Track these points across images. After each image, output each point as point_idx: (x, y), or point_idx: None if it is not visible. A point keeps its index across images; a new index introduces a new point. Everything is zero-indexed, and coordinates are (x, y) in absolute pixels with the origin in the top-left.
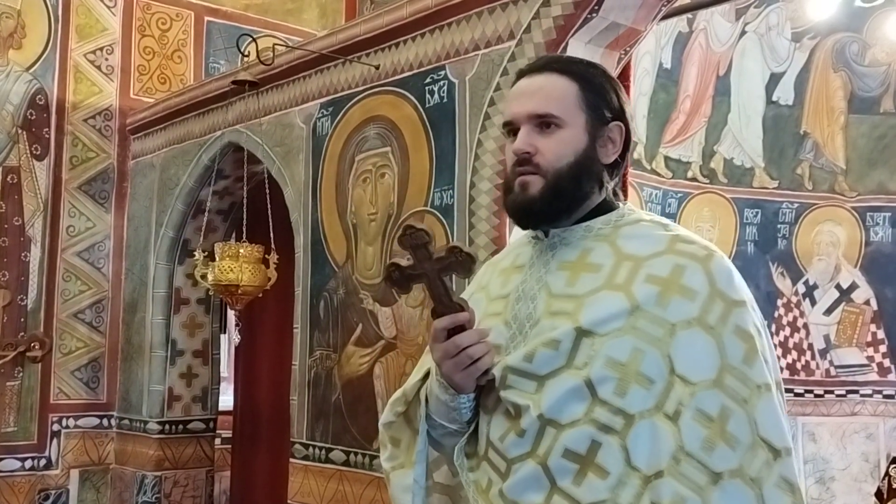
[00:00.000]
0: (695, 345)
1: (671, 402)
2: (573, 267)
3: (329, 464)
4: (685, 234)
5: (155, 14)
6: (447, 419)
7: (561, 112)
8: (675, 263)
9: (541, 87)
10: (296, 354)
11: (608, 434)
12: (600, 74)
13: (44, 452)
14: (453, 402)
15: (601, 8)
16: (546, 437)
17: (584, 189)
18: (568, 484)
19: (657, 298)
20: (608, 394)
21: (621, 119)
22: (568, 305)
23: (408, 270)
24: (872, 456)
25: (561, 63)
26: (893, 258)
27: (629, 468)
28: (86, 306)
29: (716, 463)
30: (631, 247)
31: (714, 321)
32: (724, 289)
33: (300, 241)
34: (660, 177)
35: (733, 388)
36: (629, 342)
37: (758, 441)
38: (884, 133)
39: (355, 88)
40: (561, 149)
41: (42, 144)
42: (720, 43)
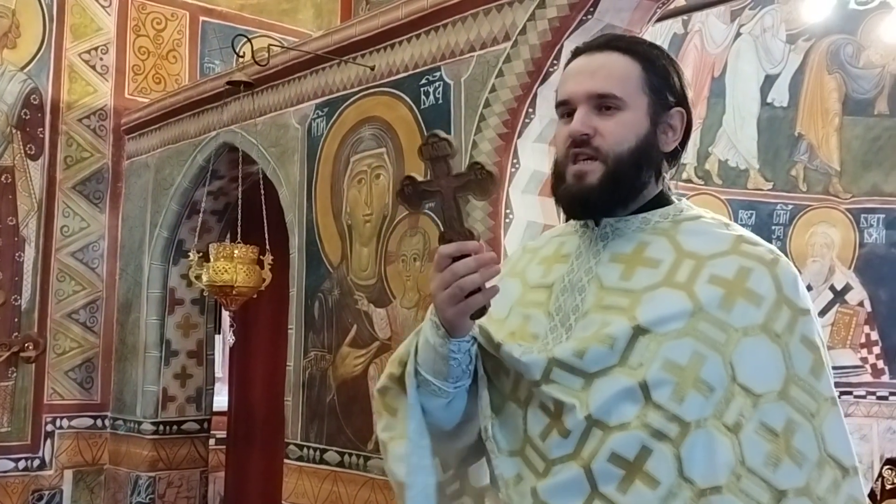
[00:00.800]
0: (759, 353)
1: (731, 413)
2: (628, 260)
3: (323, 465)
4: (749, 236)
5: (150, 14)
6: (433, 372)
7: (623, 93)
8: (740, 265)
9: (602, 65)
10: (290, 355)
11: (661, 441)
12: (664, 56)
13: (37, 453)
14: (443, 347)
15: (596, 10)
16: (592, 439)
17: (644, 178)
18: (612, 490)
19: (721, 301)
20: (664, 398)
21: (683, 105)
22: (622, 300)
23: (422, 185)
24: (866, 457)
25: (624, 42)
26: (887, 260)
27: (681, 479)
28: (80, 306)
29: (780, 480)
30: (692, 244)
31: (780, 329)
32: (790, 295)
33: (295, 241)
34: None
35: (800, 401)
36: (689, 345)
37: (825, 458)
38: (878, 135)
39: (350, 89)
40: (622, 132)
41: (36, 144)
42: (715, 44)
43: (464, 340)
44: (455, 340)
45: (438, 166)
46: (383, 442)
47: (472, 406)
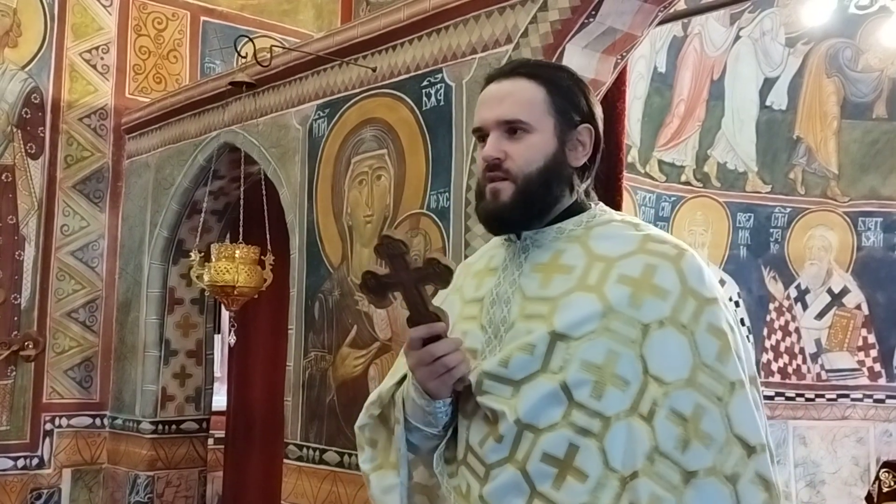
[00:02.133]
0: (668, 344)
1: (646, 403)
2: (546, 269)
3: (323, 465)
4: (656, 234)
5: (151, 14)
6: (423, 423)
7: (529, 117)
8: (646, 263)
9: (509, 92)
10: (290, 355)
11: (586, 437)
12: (568, 78)
13: (36, 452)
14: (429, 407)
15: (598, 13)
16: (524, 442)
17: (555, 193)
18: (547, 488)
19: (630, 299)
20: (585, 397)
21: (590, 121)
22: (542, 308)
23: (384, 279)
24: (863, 460)
25: (528, 67)
26: (885, 263)
27: (608, 470)
28: (79, 305)
29: (689, 462)
30: (602, 247)
31: (687, 320)
32: (695, 286)
33: (296, 242)
34: (654, 180)
35: (707, 387)
36: (604, 344)
37: (732, 438)
38: (876, 138)
39: (352, 90)
40: (530, 154)
41: (37, 143)
42: (715, 47)
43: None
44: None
45: (396, 262)
46: (366, 473)
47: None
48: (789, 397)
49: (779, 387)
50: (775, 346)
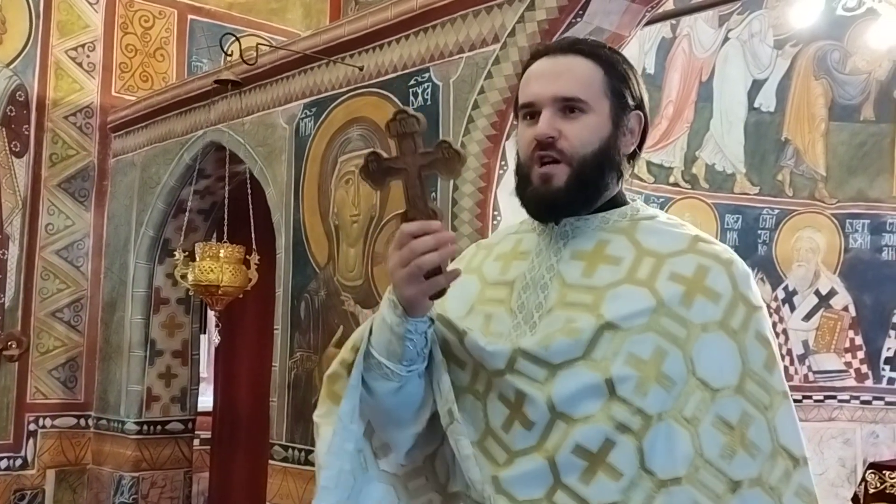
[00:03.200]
0: (718, 349)
1: (690, 406)
2: (589, 257)
3: (308, 466)
4: (704, 235)
5: (137, 11)
6: (387, 353)
7: (587, 96)
8: (698, 263)
9: (567, 68)
10: (276, 356)
11: (624, 434)
12: (624, 61)
13: (20, 452)
14: (399, 326)
15: (585, 13)
16: (556, 431)
17: (607, 179)
18: (574, 481)
19: (682, 298)
20: (628, 392)
21: (641, 109)
22: (586, 297)
23: (387, 162)
24: (849, 461)
25: (587, 46)
26: (872, 265)
27: (642, 471)
28: (64, 305)
29: (735, 471)
30: (651, 242)
31: (737, 325)
32: (745, 293)
33: (282, 242)
34: (642, 182)
35: (754, 395)
36: (652, 340)
37: (778, 449)
38: (864, 141)
39: (339, 89)
40: (587, 135)
41: (21, 141)
42: (703, 49)
43: (420, 321)
44: (412, 320)
45: (406, 143)
46: (316, 425)
47: (424, 394)
48: None
49: None
50: None
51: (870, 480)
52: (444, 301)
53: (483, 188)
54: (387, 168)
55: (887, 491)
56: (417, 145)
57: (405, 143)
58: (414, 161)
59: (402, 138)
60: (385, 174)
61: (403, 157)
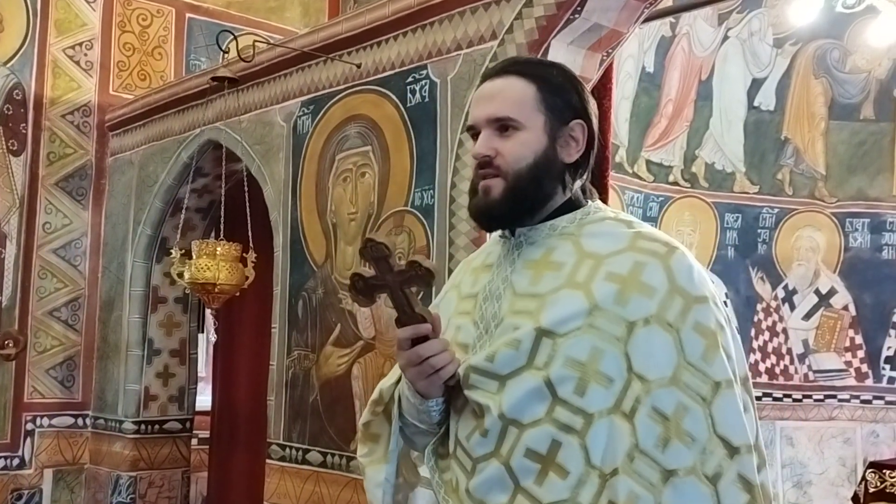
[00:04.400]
0: (652, 342)
1: (628, 401)
2: (537, 265)
3: (306, 465)
4: (648, 232)
5: (135, 10)
6: (418, 420)
7: (518, 115)
8: (634, 261)
9: (500, 90)
10: (273, 354)
11: (568, 434)
12: (560, 74)
13: (17, 452)
14: (422, 405)
15: (583, 9)
16: (509, 437)
17: (546, 189)
18: (530, 483)
19: (616, 296)
20: (568, 393)
21: (584, 117)
22: (531, 304)
23: (371, 281)
24: (849, 460)
25: (519, 65)
26: (872, 264)
27: (589, 467)
28: (61, 304)
29: (669, 460)
30: (593, 245)
31: (673, 318)
32: (683, 285)
33: (279, 240)
34: (641, 180)
35: (691, 386)
36: (588, 341)
37: (714, 438)
38: (863, 139)
39: (336, 87)
40: (519, 150)
41: (19, 140)
42: (703, 48)
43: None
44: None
45: (381, 265)
46: (363, 465)
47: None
48: (776, 398)
49: (766, 387)
50: (763, 346)
51: (870, 480)
52: None
53: None
54: (371, 286)
55: (887, 490)
56: (392, 265)
57: (380, 265)
58: (393, 279)
59: (377, 262)
60: (371, 290)
61: (383, 276)
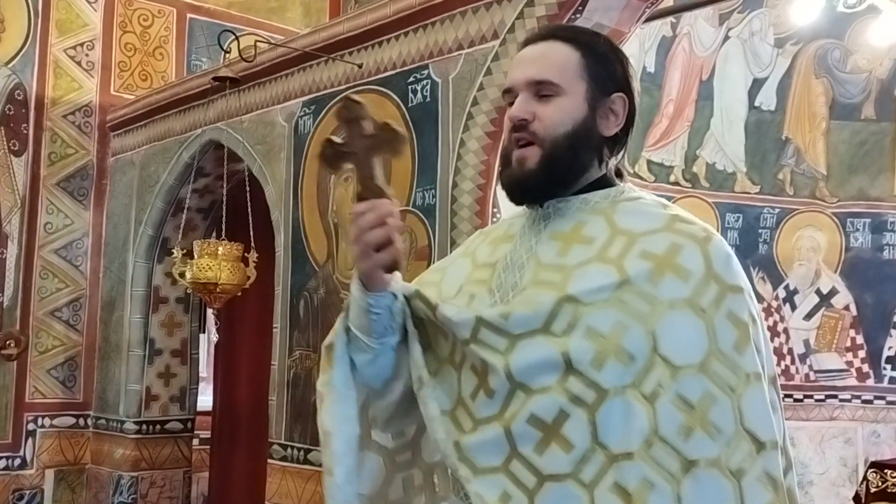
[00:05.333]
0: (683, 326)
1: (650, 382)
2: (565, 238)
3: (307, 465)
4: (685, 215)
5: (136, 10)
6: (359, 327)
7: (560, 79)
8: (671, 242)
9: (543, 54)
10: (275, 354)
11: (578, 406)
12: (606, 44)
13: (18, 452)
14: (362, 300)
15: (585, 9)
16: (515, 401)
17: (582, 160)
18: (529, 451)
19: (649, 274)
20: (584, 365)
21: (626, 91)
22: (555, 276)
23: (339, 147)
24: (851, 461)
25: (565, 31)
26: (873, 264)
27: (595, 444)
28: (63, 304)
29: (690, 450)
30: (627, 222)
31: (706, 304)
32: (720, 272)
33: (281, 240)
34: (642, 181)
35: (720, 375)
36: (613, 314)
37: (741, 432)
38: (864, 139)
39: (338, 87)
40: (558, 116)
41: (20, 140)
42: (703, 48)
43: (382, 296)
44: (373, 294)
45: (353, 127)
46: (320, 394)
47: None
48: None
49: None
50: None
51: (871, 480)
52: (441, 283)
53: (482, 185)
54: (339, 152)
55: (889, 490)
56: (364, 129)
57: (353, 127)
58: (362, 144)
59: (350, 123)
60: (338, 158)
61: (352, 141)
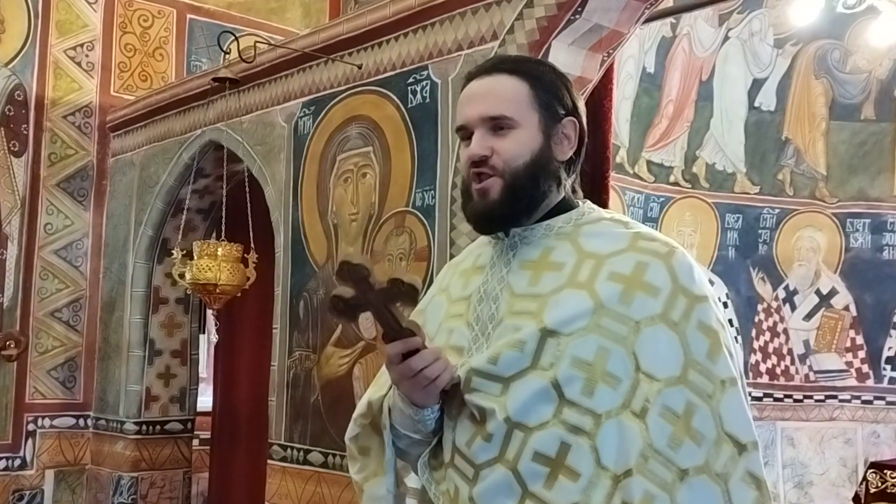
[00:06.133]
0: (659, 341)
1: (638, 400)
2: (535, 266)
3: (307, 465)
4: (646, 232)
5: (136, 11)
6: (412, 430)
7: (514, 113)
8: (637, 260)
9: (491, 88)
10: (275, 355)
11: (577, 435)
12: (550, 71)
13: (18, 452)
14: (417, 416)
15: (584, 10)
16: (514, 441)
17: (542, 188)
18: (539, 488)
19: (620, 296)
20: (576, 394)
21: (574, 115)
22: (531, 305)
23: (352, 302)
24: (850, 461)
25: (509, 63)
26: (873, 264)
27: (599, 468)
28: (63, 305)
29: (682, 459)
30: (593, 245)
31: (678, 317)
32: (686, 284)
33: (280, 240)
34: (642, 181)
35: (698, 384)
36: (594, 341)
37: (723, 436)
38: (864, 140)
39: (337, 88)
40: (517, 149)
41: (20, 141)
42: (703, 48)
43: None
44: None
45: (361, 286)
46: (358, 483)
47: None
48: (777, 398)
49: (767, 388)
50: (763, 347)
51: (871, 480)
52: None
53: None
54: (353, 306)
55: (888, 490)
56: (373, 284)
57: (361, 285)
58: (376, 297)
59: (357, 283)
60: (354, 310)
61: (365, 296)
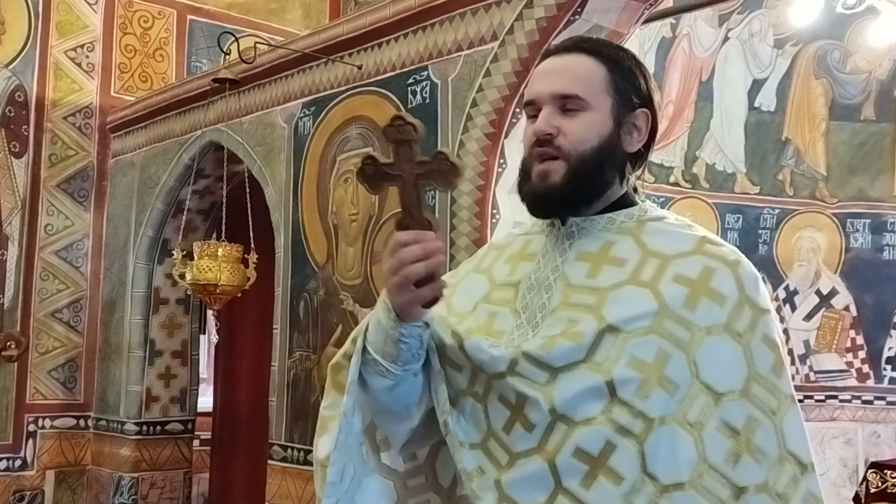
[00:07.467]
0: (722, 352)
1: (694, 411)
2: (594, 259)
3: (307, 466)
4: (712, 237)
5: (137, 12)
6: (381, 353)
7: (586, 94)
8: (704, 265)
9: (567, 66)
10: (275, 355)
11: (625, 437)
12: (630, 58)
13: (19, 453)
14: (393, 330)
15: (584, 10)
16: (556, 433)
17: (606, 177)
18: (575, 485)
19: (685, 300)
20: (629, 395)
21: (649, 107)
22: (589, 298)
23: (384, 168)
24: (851, 461)
25: (590, 44)
26: (873, 264)
27: (644, 475)
28: (63, 305)
29: (740, 477)
30: (657, 243)
31: (742, 328)
32: (752, 295)
33: (281, 241)
34: (642, 181)
35: (761, 399)
36: (655, 342)
37: (785, 454)
38: (864, 140)
39: (337, 88)
40: (585, 132)
41: (21, 142)
42: (703, 48)
43: (415, 325)
44: (406, 324)
45: (402, 150)
46: (324, 418)
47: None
48: None
49: None
50: None
51: (871, 480)
52: (451, 297)
53: (482, 186)
54: (383, 173)
55: (889, 490)
56: (414, 153)
57: (402, 150)
58: (410, 169)
59: (399, 145)
60: (381, 179)
61: (400, 164)
